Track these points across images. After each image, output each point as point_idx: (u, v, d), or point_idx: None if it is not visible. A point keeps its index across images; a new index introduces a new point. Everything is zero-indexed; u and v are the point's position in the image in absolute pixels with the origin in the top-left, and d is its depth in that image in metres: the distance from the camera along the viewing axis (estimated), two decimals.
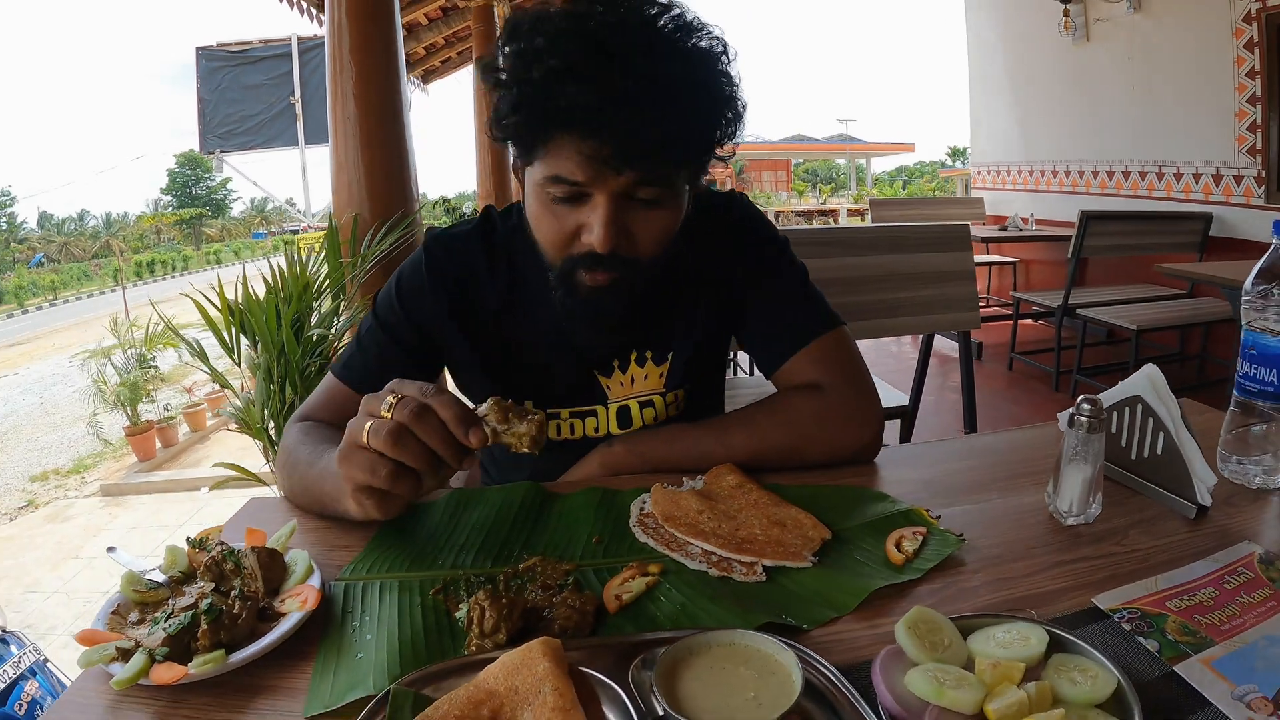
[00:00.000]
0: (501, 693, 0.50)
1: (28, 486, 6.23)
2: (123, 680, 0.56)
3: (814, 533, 0.73)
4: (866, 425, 0.93)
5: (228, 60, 7.53)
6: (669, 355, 1.00)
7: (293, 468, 0.89)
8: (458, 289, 0.98)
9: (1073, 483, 0.74)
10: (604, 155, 0.76)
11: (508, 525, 0.81)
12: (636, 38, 0.76)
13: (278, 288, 2.31)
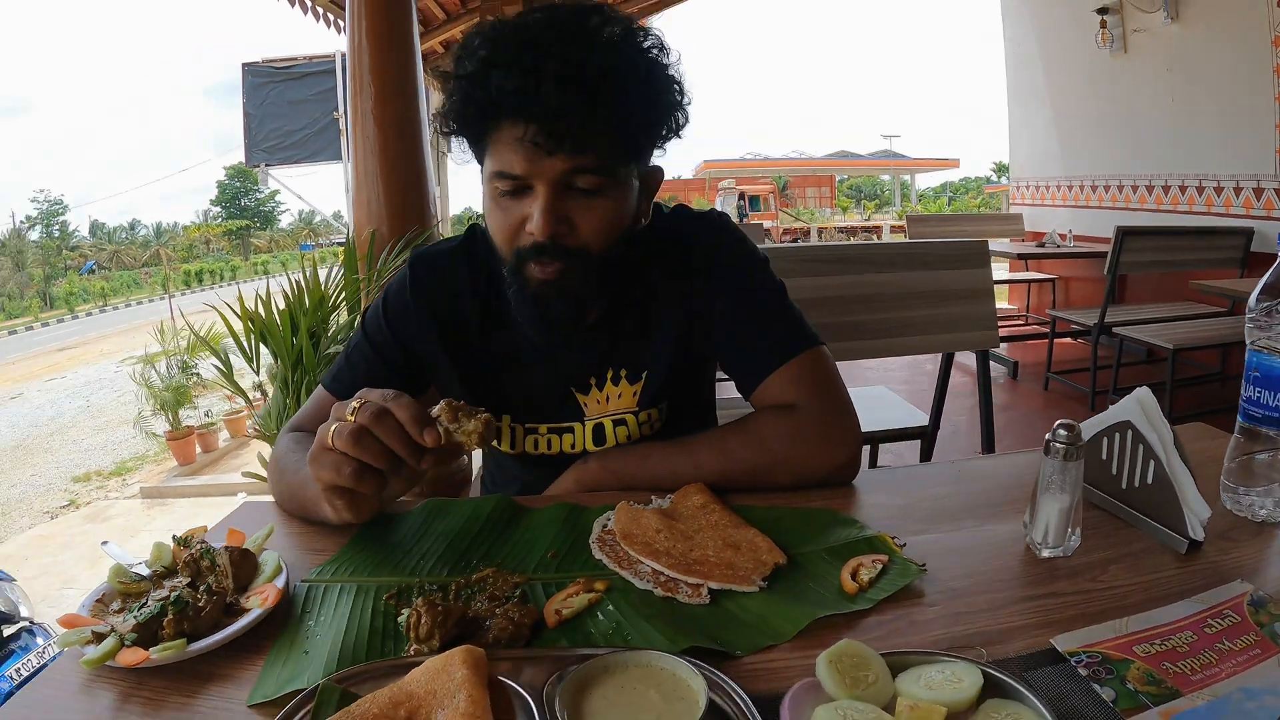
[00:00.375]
0: (420, 695, 0.53)
1: (70, 486, 6.53)
2: (91, 660, 0.63)
3: (767, 557, 0.74)
4: (841, 447, 0.94)
5: (272, 76, 7.85)
6: (643, 374, 1.03)
7: (281, 475, 0.96)
8: (440, 307, 1.04)
9: (1049, 513, 0.73)
10: (535, 139, 0.82)
11: (471, 536, 0.85)
12: (563, 30, 0.83)
13: (297, 301, 2.40)
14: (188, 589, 0.73)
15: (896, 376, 4.67)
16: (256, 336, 2.52)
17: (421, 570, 0.79)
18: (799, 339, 0.99)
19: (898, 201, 39.48)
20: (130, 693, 0.61)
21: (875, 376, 4.77)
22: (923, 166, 42.99)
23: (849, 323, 1.80)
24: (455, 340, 1.03)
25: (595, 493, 0.95)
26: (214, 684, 0.62)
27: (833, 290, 1.80)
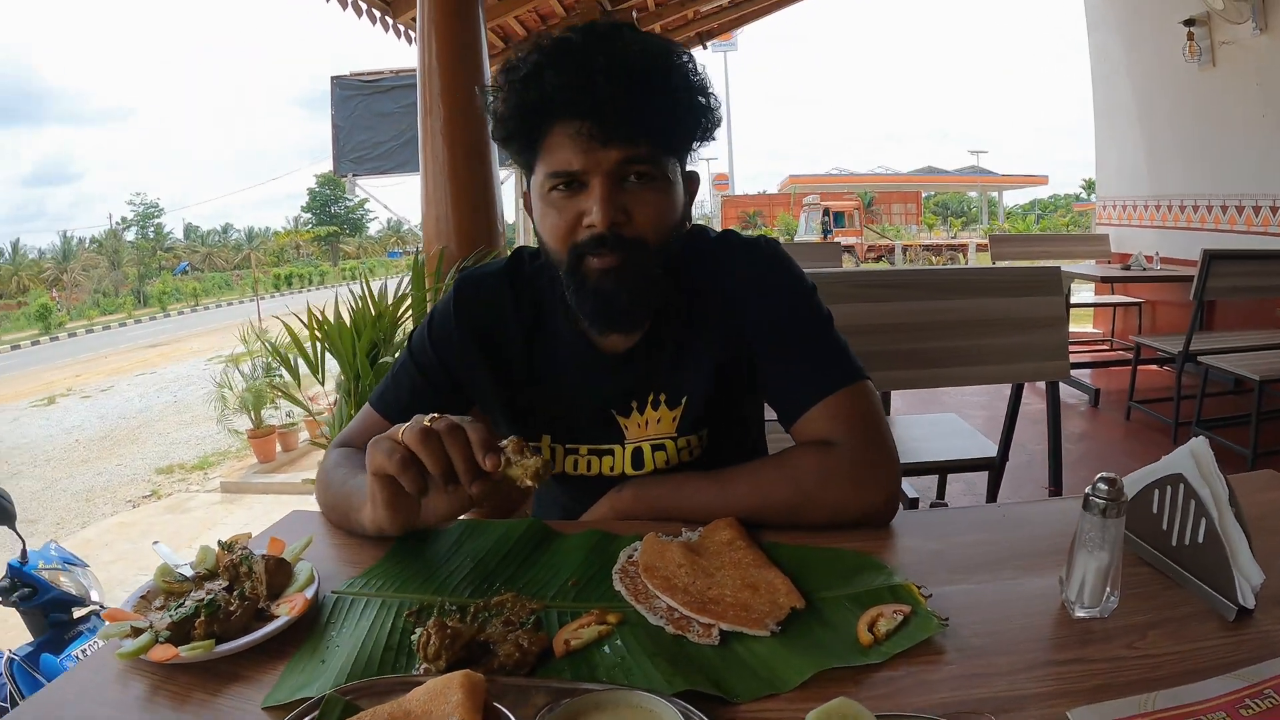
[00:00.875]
0: (417, 714, 0.56)
1: (153, 478, 6.97)
2: (125, 653, 0.69)
3: (784, 600, 0.74)
4: (877, 489, 0.93)
5: (360, 89, 8.25)
6: (682, 400, 1.04)
7: (328, 486, 1.03)
8: (484, 329, 1.09)
9: (1085, 571, 0.70)
10: (590, 133, 0.89)
11: (499, 558, 0.89)
12: (605, 36, 0.92)
13: (361, 314, 2.51)
14: (223, 593, 0.79)
15: (974, 402, 4.54)
16: (322, 346, 2.64)
17: (446, 589, 0.82)
18: (841, 372, 0.99)
19: (984, 219, 38.92)
20: (159, 686, 0.67)
21: (952, 402, 4.66)
22: (1010, 183, 42.39)
23: (915, 350, 1.77)
24: (498, 361, 1.08)
25: (629, 520, 0.97)
26: (235, 685, 0.67)
27: (899, 316, 1.78)
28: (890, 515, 0.94)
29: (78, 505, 6.43)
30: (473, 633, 0.69)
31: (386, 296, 2.66)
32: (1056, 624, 0.71)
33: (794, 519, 0.92)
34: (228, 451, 7.27)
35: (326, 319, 2.69)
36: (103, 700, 0.66)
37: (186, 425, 8.70)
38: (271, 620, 0.75)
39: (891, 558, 0.84)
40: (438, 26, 2.68)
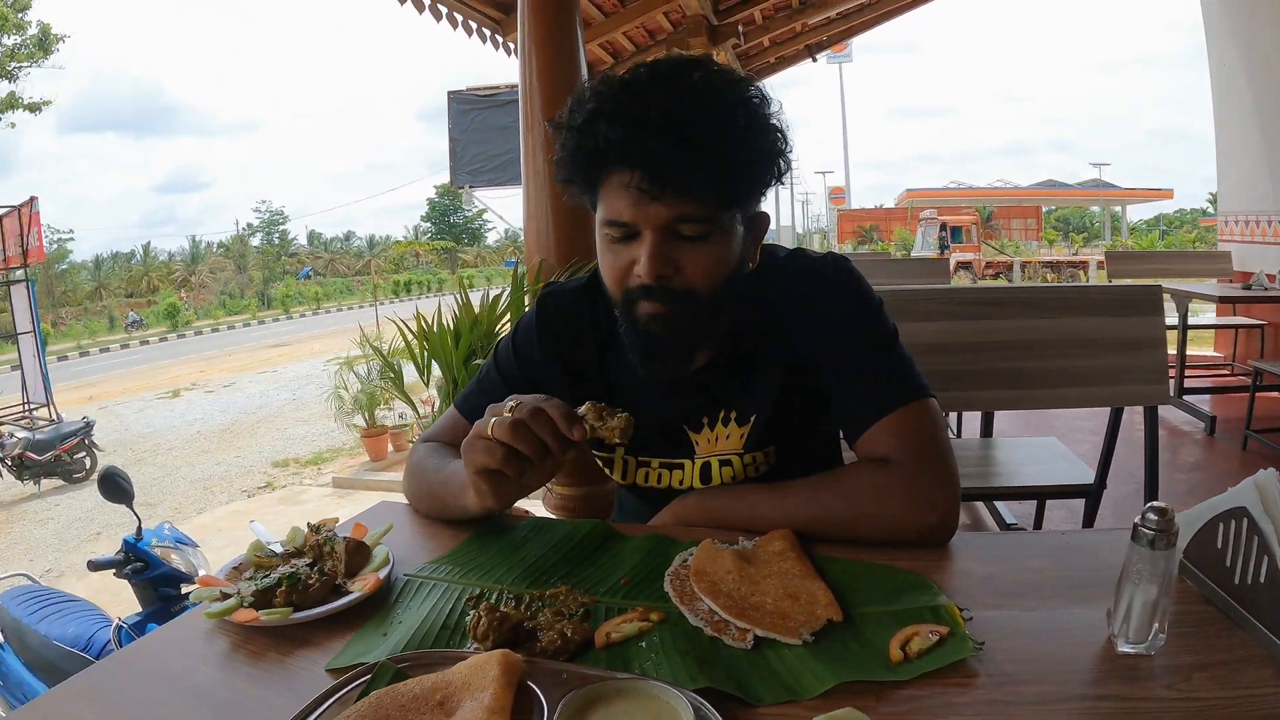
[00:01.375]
0: (457, 685, 0.63)
1: (269, 470, 7.48)
2: (212, 613, 0.80)
3: (822, 611, 0.77)
4: (932, 509, 0.93)
5: (476, 104, 8.64)
6: (751, 417, 1.08)
7: (420, 475, 1.13)
8: (563, 342, 1.16)
9: (1131, 604, 0.69)
10: (641, 186, 0.90)
11: (561, 555, 0.96)
12: (665, 82, 0.92)
13: (462, 321, 2.66)
14: (305, 568, 0.88)
15: (1085, 427, 4.31)
16: (427, 351, 2.81)
17: (507, 579, 0.89)
18: (903, 390, 1.00)
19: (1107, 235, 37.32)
20: (239, 645, 0.77)
21: (1061, 425, 4.43)
22: (1134, 197, 40.10)
23: (1005, 370, 1.74)
24: (576, 374, 1.15)
25: (692, 528, 1.01)
26: (306, 649, 0.76)
27: (989, 335, 1.75)
28: (946, 535, 0.94)
29: (196, 493, 6.99)
30: (521, 618, 0.75)
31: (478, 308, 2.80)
32: (1098, 658, 0.69)
33: (848, 534, 0.94)
34: (341, 449, 7.72)
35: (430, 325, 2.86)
36: (188, 653, 0.77)
37: (304, 422, 9.27)
38: (345, 595, 0.84)
39: (942, 578, 0.84)
40: (537, 45, 2.80)
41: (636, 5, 5.33)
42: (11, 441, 7.79)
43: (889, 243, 30.11)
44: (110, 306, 36.36)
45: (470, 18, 4.60)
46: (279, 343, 20.60)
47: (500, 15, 4.61)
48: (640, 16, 5.43)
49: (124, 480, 2.40)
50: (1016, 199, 39.40)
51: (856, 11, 7.23)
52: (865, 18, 7.48)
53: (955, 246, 21.29)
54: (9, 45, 12.12)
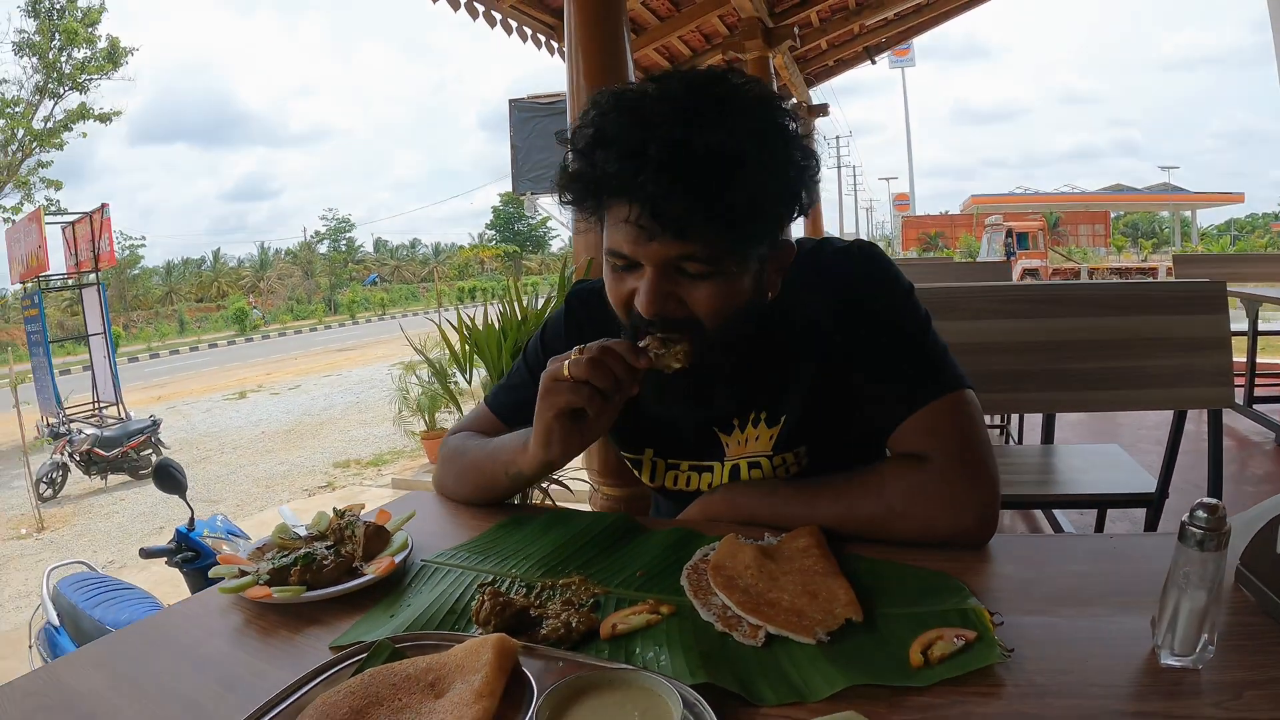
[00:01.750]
0: (451, 666, 0.62)
1: (330, 470, 7.66)
2: (226, 588, 0.82)
3: (841, 610, 0.73)
4: (967, 509, 0.89)
5: (537, 111, 8.74)
6: (781, 417, 1.04)
7: (460, 455, 1.14)
8: (589, 339, 1.12)
9: (1177, 611, 0.63)
10: (640, 222, 0.84)
11: (578, 546, 0.95)
12: (674, 107, 0.84)
13: (508, 321, 2.68)
14: (323, 549, 0.89)
15: (1150, 436, 4.11)
16: (471, 349, 2.85)
17: (522, 568, 0.89)
18: (937, 382, 0.96)
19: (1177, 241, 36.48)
20: (251, 621, 0.79)
21: (1127, 432, 4.26)
22: (1204, 201, 38.96)
23: (1059, 370, 1.67)
24: None
25: (718, 523, 0.99)
26: (314, 627, 0.77)
27: (1041, 334, 1.68)
28: (984, 537, 0.89)
29: (258, 491, 7.21)
30: (525, 604, 0.74)
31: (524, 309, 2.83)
32: (1139, 671, 0.64)
33: (880, 533, 0.90)
34: (402, 451, 7.85)
35: (476, 325, 2.90)
36: (202, 627, 0.79)
37: (366, 425, 9.48)
38: (360, 577, 0.85)
39: (975, 581, 0.80)
40: (583, 49, 2.81)
41: (691, 9, 5.32)
42: (80, 438, 8.15)
43: (954, 249, 29.56)
44: (180, 310, 38.03)
45: (525, 24, 4.66)
46: (344, 347, 21.18)
47: (554, 21, 4.66)
48: (695, 20, 5.41)
49: (178, 472, 2.48)
50: (1083, 204, 38.91)
51: (914, 12, 7.10)
52: (923, 18, 7.35)
53: (1021, 253, 20.88)
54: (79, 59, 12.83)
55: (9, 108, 12.28)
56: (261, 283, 45.99)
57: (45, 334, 10.80)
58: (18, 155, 12.34)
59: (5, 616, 4.72)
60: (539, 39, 4.85)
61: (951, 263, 6.43)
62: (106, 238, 10.99)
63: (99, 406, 10.50)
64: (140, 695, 0.67)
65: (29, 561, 5.89)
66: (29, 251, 11.54)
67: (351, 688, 0.59)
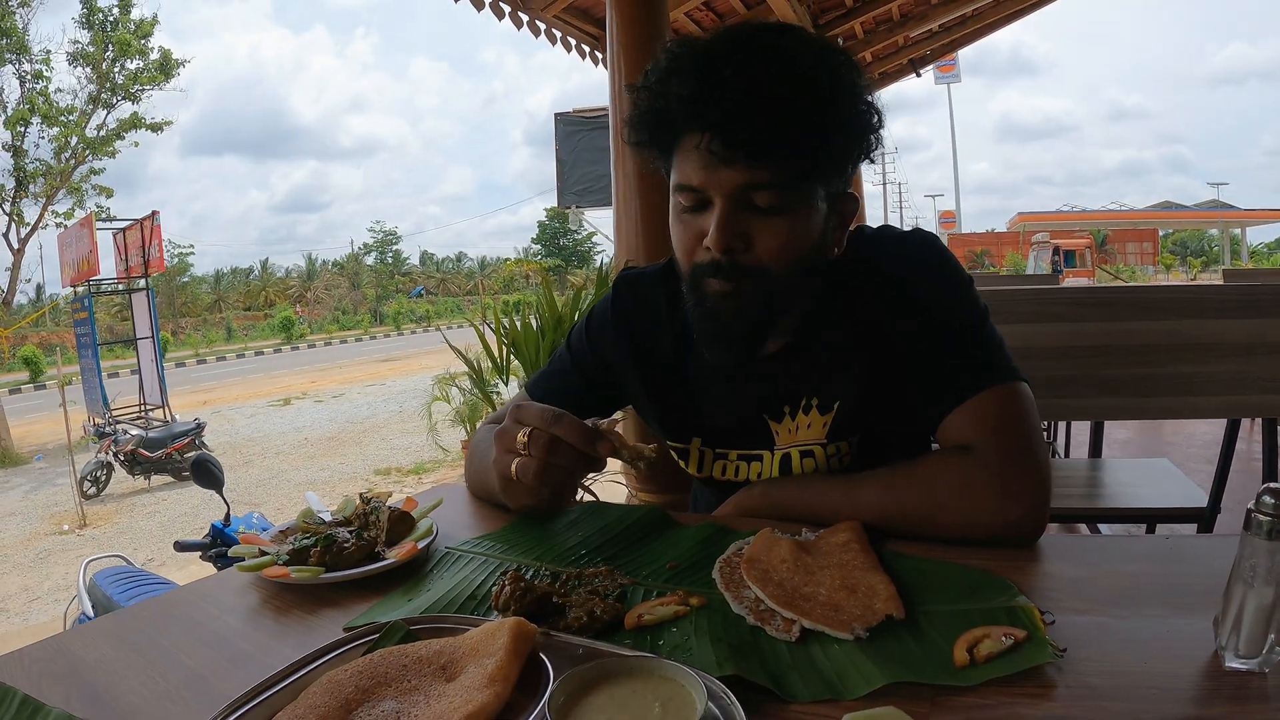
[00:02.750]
0: (465, 649, 0.59)
1: (370, 477, 7.73)
2: (244, 567, 0.81)
3: (881, 606, 0.69)
4: (1016, 501, 0.84)
5: (582, 125, 8.78)
6: (834, 404, 1.00)
7: (481, 457, 1.09)
8: (637, 326, 1.12)
9: (1242, 609, 0.58)
10: (712, 149, 0.85)
11: (609, 538, 0.92)
12: (743, 43, 0.87)
13: (547, 320, 2.68)
14: (345, 533, 0.87)
15: (1200, 455, 3.94)
16: (508, 349, 2.85)
17: (548, 558, 0.86)
18: (990, 372, 0.92)
19: (1226, 258, 35.55)
20: (269, 599, 0.78)
21: (1175, 450, 4.09)
22: (1254, 218, 38.36)
23: (1107, 376, 1.61)
24: (649, 360, 1.10)
25: (756, 518, 0.95)
26: (330, 608, 0.75)
27: (1090, 338, 1.62)
28: (1034, 533, 0.84)
29: (298, 496, 7.29)
30: (547, 591, 0.71)
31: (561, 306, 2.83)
32: (1201, 674, 0.59)
33: (925, 529, 0.86)
34: (443, 460, 7.87)
35: (514, 325, 2.90)
36: (217, 604, 0.77)
37: (408, 434, 9.53)
38: (381, 561, 0.83)
39: (1024, 580, 0.75)
40: (625, 58, 2.82)
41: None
42: (125, 438, 8.33)
43: (1000, 267, 29.14)
44: (228, 318, 38.94)
45: (569, 34, 4.70)
46: (388, 358, 21.44)
47: (598, 31, 4.69)
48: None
49: (215, 467, 2.51)
50: (1131, 222, 38.63)
51: (958, 24, 7.01)
52: (967, 30, 7.25)
53: (1069, 271, 20.61)
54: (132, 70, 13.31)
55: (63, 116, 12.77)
56: (308, 293, 46.91)
57: (94, 337, 11.12)
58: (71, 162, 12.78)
59: (45, 609, 4.84)
60: (583, 49, 4.89)
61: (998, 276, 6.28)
62: (156, 244, 11.31)
63: (145, 409, 10.76)
64: (146, 666, 0.66)
65: (70, 556, 6.00)
66: (80, 256, 11.90)
67: (360, 666, 0.57)
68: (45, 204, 12.89)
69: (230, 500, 2.69)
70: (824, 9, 5.98)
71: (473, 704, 0.53)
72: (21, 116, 12.58)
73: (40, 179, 12.69)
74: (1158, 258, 35.59)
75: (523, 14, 4.24)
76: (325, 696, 0.54)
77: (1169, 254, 37.73)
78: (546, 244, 55.67)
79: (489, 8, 4.05)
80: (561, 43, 4.75)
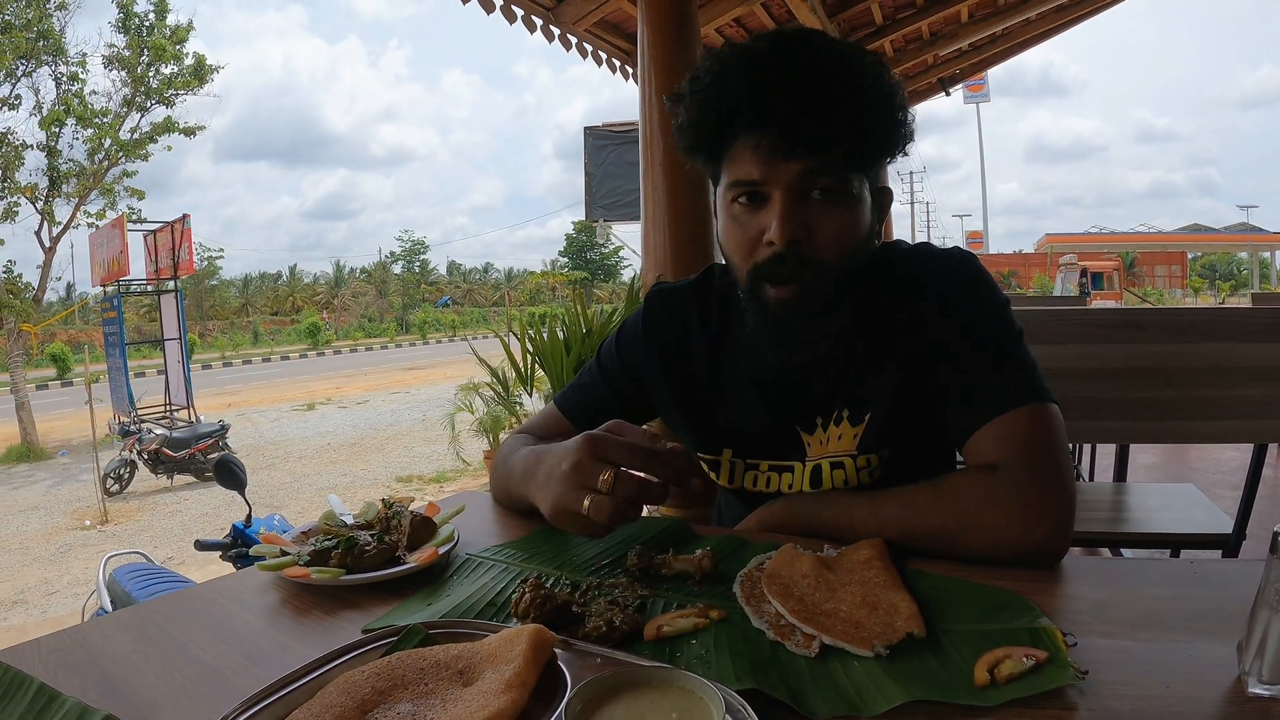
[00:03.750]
0: (483, 654, 0.60)
1: (392, 484, 7.76)
2: (265, 566, 0.82)
3: (902, 624, 0.68)
4: (1041, 520, 0.83)
5: (611, 139, 8.85)
6: (865, 416, 1.00)
7: (505, 465, 1.10)
8: (670, 340, 1.13)
9: (1267, 633, 0.56)
10: (771, 144, 0.89)
11: (628, 549, 0.90)
12: (789, 45, 0.91)
13: (573, 332, 2.69)
14: (367, 536, 0.88)
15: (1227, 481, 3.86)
16: (533, 360, 2.87)
17: (568, 567, 0.86)
18: (1020, 391, 0.91)
19: (1255, 282, 35.63)
20: (288, 599, 0.78)
21: (1201, 476, 4.00)
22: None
23: (1135, 399, 1.59)
24: (681, 373, 1.12)
25: (779, 533, 0.95)
26: (350, 610, 0.76)
27: (1121, 360, 1.61)
28: (1058, 553, 0.84)
29: (320, 500, 7.34)
30: (566, 599, 0.72)
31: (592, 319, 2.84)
32: (1224, 700, 0.58)
33: (948, 547, 0.85)
34: (465, 469, 7.90)
35: (541, 337, 2.92)
36: (236, 601, 0.78)
37: (431, 442, 9.58)
38: (401, 565, 0.84)
39: (1046, 601, 0.74)
40: (656, 63, 2.85)
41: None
42: (150, 437, 8.45)
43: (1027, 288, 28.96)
44: (255, 322, 39.46)
45: (600, 48, 4.75)
46: (413, 366, 21.59)
47: (629, 46, 4.73)
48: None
49: (238, 468, 2.53)
50: (1160, 244, 38.42)
51: (988, 43, 7.00)
52: (997, 49, 7.24)
53: (1096, 293, 20.44)
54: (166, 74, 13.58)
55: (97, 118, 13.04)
56: (335, 299, 47.45)
57: (122, 336, 11.29)
58: (104, 164, 13.02)
59: (64, 603, 4.91)
60: (613, 64, 4.93)
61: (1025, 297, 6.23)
62: (186, 247, 11.47)
63: (170, 409, 10.91)
64: (163, 659, 0.67)
65: (90, 552, 6.08)
66: (111, 256, 12.07)
67: (377, 668, 0.57)
68: (78, 204, 13.14)
69: (252, 502, 2.71)
70: (854, 27, 5.99)
71: (489, 709, 0.53)
72: (56, 117, 12.85)
73: (73, 179, 12.94)
74: (1186, 281, 35.29)
75: (554, 27, 4.29)
76: (341, 696, 0.55)
77: (1197, 277, 37.53)
78: (573, 257, 55.97)
79: (521, 21, 4.10)
80: (593, 57, 4.80)
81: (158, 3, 13.87)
